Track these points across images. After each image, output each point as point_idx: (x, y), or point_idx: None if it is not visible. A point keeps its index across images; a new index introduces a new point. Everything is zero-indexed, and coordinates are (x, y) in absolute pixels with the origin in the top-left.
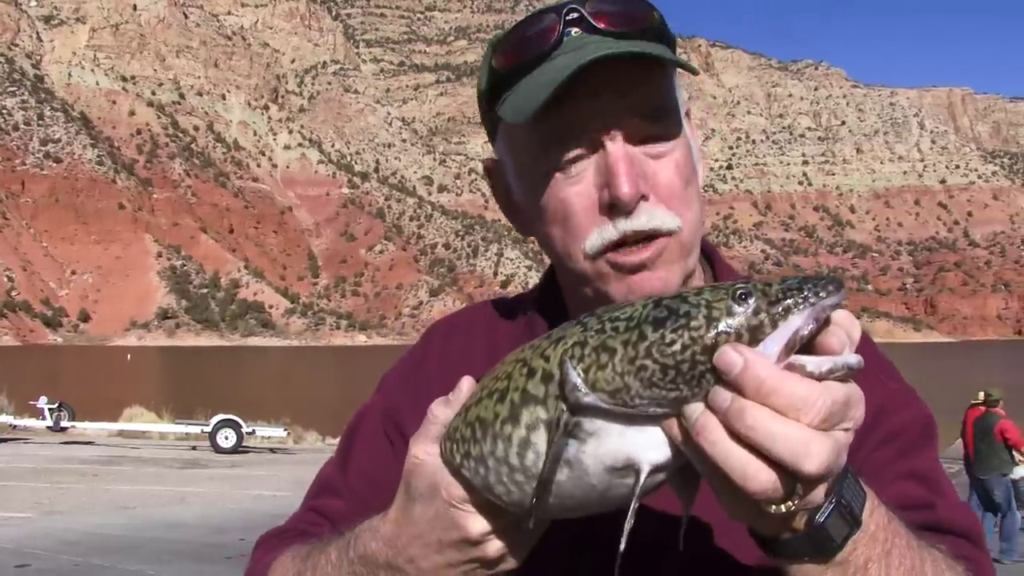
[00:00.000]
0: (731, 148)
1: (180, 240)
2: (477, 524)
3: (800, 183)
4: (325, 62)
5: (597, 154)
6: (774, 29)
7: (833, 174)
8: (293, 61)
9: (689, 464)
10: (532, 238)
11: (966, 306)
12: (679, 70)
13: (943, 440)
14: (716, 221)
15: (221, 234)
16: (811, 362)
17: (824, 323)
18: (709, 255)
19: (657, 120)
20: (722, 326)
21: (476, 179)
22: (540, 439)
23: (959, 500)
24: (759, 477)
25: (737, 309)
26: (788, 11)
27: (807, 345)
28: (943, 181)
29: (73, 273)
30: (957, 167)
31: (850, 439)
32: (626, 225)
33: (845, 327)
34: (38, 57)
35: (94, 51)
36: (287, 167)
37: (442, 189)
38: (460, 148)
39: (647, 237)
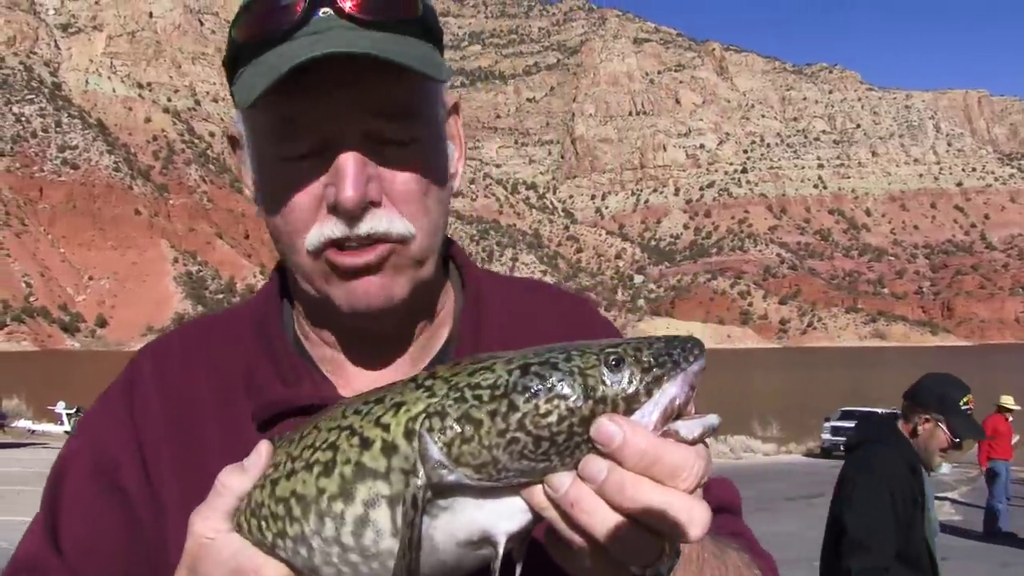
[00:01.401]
0: (745, 152)
1: (196, 246)
2: None
3: (815, 186)
4: None
5: (329, 150)
6: (788, 32)
7: (848, 177)
8: None
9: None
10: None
11: (983, 309)
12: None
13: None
14: (731, 225)
15: (237, 240)
16: (684, 427)
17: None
18: (460, 266)
19: (400, 122)
20: (599, 395)
21: (491, 184)
22: (382, 516)
23: (719, 476)
24: (648, 547)
25: (612, 378)
26: (802, 14)
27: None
28: (959, 184)
29: (90, 279)
30: (974, 170)
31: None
32: (350, 230)
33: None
34: (56, 65)
35: (111, 58)
36: None
37: (457, 194)
38: (474, 153)
39: (374, 239)
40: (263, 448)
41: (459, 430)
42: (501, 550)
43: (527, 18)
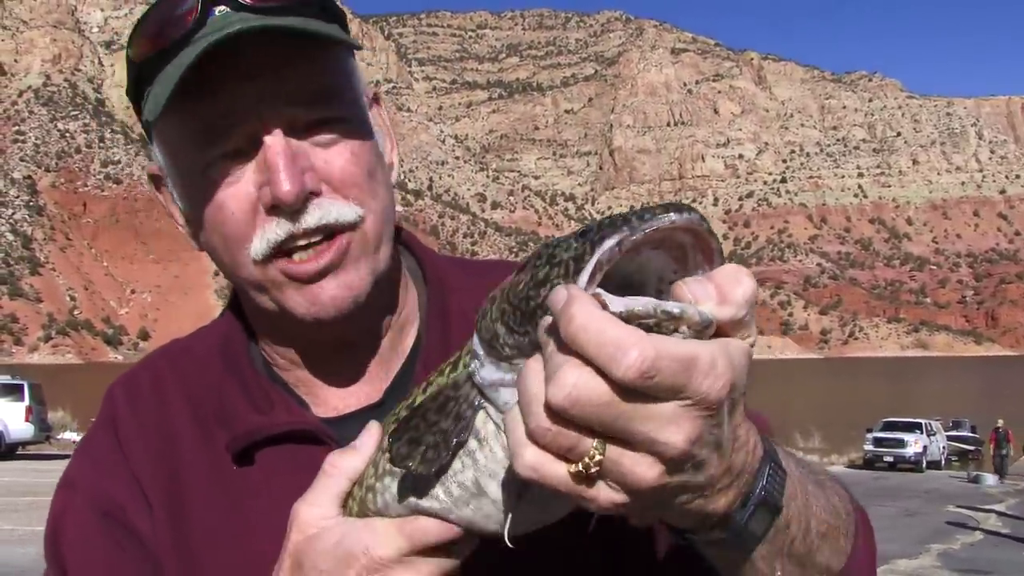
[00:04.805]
0: (785, 161)
1: None
2: None
3: (855, 195)
4: (378, 81)
5: (254, 147)
6: (827, 41)
7: (889, 186)
8: None
9: None
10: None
11: None
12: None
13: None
14: (771, 235)
15: None
16: (615, 301)
17: (634, 247)
18: (418, 257)
19: (322, 105)
20: (556, 260)
21: (529, 196)
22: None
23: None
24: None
25: (573, 244)
26: (841, 22)
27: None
28: (1003, 191)
29: (133, 292)
30: (1018, 177)
31: (714, 422)
32: (294, 226)
33: (717, 280)
34: (99, 81)
35: None
36: None
37: (495, 206)
38: (513, 165)
39: (326, 234)
40: (373, 426)
41: (484, 311)
42: None
43: (564, 29)
